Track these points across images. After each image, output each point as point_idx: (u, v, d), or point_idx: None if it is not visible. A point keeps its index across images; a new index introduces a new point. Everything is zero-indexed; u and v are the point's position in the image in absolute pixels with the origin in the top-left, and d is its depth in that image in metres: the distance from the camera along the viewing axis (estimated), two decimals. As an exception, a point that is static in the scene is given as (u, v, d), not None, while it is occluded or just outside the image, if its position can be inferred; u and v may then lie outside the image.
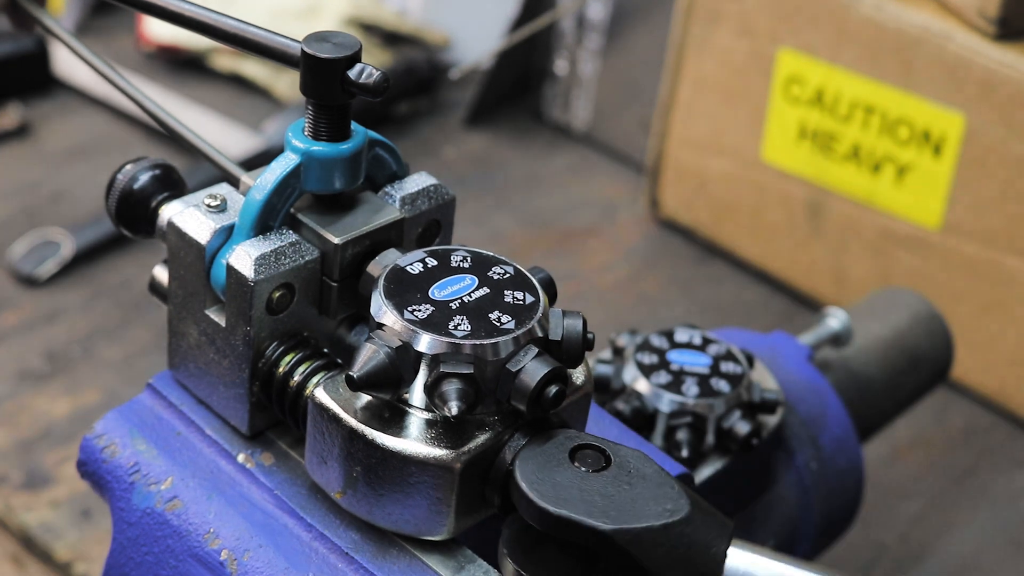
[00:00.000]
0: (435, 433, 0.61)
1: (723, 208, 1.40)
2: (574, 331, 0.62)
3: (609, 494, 0.59)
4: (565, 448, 0.61)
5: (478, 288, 0.63)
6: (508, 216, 1.47)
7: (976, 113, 1.19)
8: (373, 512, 0.62)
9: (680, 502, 0.59)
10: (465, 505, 0.62)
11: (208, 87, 1.60)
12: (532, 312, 0.62)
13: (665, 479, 0.61)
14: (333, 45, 0.63)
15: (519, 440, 0.61)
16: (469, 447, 0.60)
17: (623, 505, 0.59)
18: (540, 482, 0.59)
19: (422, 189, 0.69)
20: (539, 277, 0.65)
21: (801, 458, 0.89)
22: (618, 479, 0.60)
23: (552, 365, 0.60)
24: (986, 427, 1.26)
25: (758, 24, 1.30)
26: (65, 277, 1.31)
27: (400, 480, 0.60)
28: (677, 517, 0.59)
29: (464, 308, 0.61)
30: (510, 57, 1.55)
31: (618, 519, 0.58)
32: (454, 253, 0.64)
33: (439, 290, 0.62)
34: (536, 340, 0.61)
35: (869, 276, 1.30)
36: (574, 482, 0.60)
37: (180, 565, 0.66)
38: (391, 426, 0.61)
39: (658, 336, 0.87)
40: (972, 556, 1.14)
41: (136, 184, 0.68)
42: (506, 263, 0.65)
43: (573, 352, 0.62)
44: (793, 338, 0.95)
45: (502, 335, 0.60)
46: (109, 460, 0.69)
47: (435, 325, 0.60)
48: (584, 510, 0.58)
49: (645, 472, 0.61)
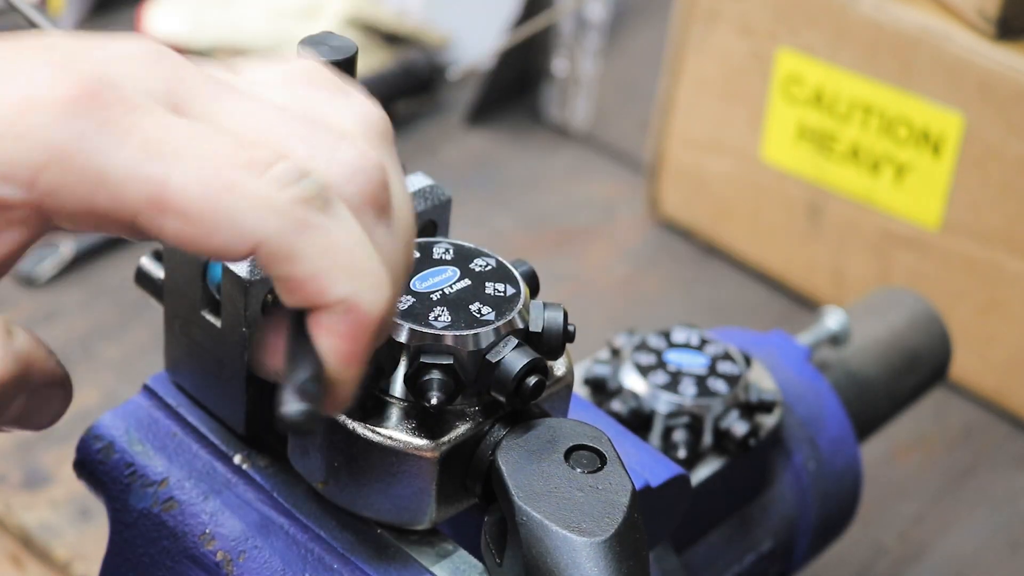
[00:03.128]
0: (415, 424, 0.61)
1: (722, 208, 1.40)
2: (554, 323, 0.62)
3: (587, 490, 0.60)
4: (554, 442, 0.61)
5: (459, 280, 0.63)
6: (507, 216, 1.47)
7: (975, 113, 1.19)
8: (355, 502, 0.63)
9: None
10: (446, 495, 0.62)
11: (208, 87, 1.60)
12: (512, 304, 0.62)
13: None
14: (329, 48, 0.63)
15: (499, 431, 0.62)
16: (449, 437, 0.61)
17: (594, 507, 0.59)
18: (521, 474, 0.59)
19: (418, 190, 0.69)
20: (521, 270, 0.65)
21: (799, 458, 0.89)
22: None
23: (532, 356, 0.60)
24: (985, 427, 1.26)
25: (757, 24, 1.30)
26: (65, 277, 1.31)
27: (381, 470, 0.61)
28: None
29: (445, 299, 0.62)
30: (510, 57, 1.55)
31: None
32: (436, 245, 0.65)
33: (420, 282, 0.63)
34: (516, 331, 0.62)
35: (868, 276, 1.30)
36: (557, 475, 0.60)
37: (176, 566, 0.66)
38: (372, 417, 0.61)
39: (656, 336, 0.87)
40: (971, 556, 1.14)
41: (133, 185, 0.68)
42: (488, 255, 0.65)
43: (553, 343, 0.62)
44: (791, 338, 0.96)
45: (482, 326, 0.61)
46: (105, 461, 0.69)
47: (415, 316, 0.61)
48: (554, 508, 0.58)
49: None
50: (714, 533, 0.86)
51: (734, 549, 0.86)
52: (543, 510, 0.58)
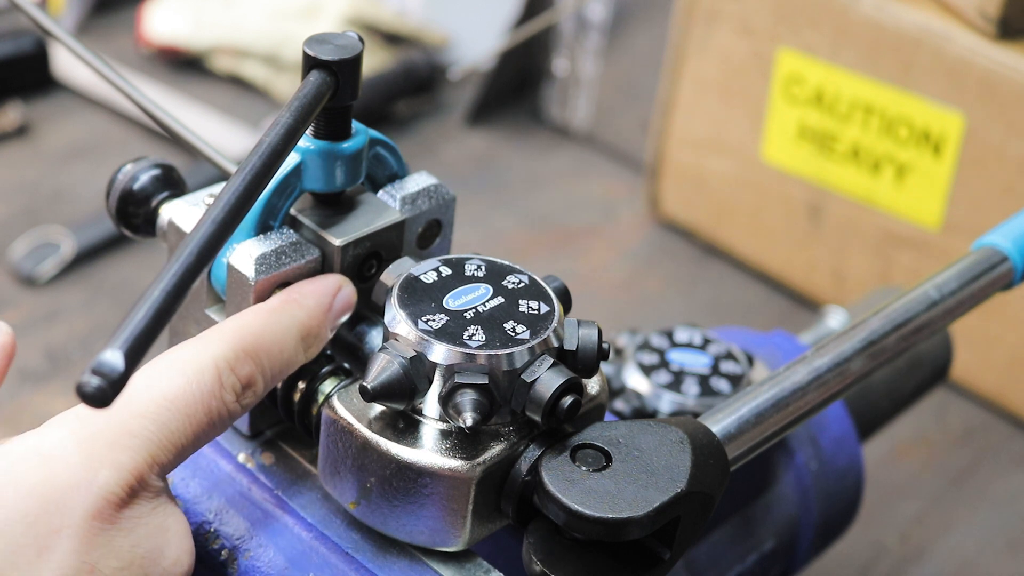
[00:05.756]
0: (450, 444, 0.60)
1: (723, 208, 1.40)
2: (589, 341, 0.62)
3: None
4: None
5: (493, 297, 0.63)
6: (508, 216, 1.47)
7: (976, 113, 1.19)
8: (387, 523, 0.62)
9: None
10: (480, 516, 0.61)
11: (207, 87, 1.60)
12: (547, 322, 0.62)
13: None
14: (335, 47, 0.63)
15: (534, 451, 0.61)
16: (484, 458, 0.60)
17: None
18: (571, 490, 0.59)
19: (422, 189, 0.69)
20: (554, 286, 0.64)
21: (801, 458, 0.89)
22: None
23: (567, 375, 0.60)
24: (986, 427, 1.26)
25: (758, 24, 1.30)
26: (65, 277, 1.31)
27: (414, 491, 0.60)
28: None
29: (479, 318, 0.61)
30: (510, 57, 1.55)
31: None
32: (468, 262, 0.64)
33: (453, 299, 0.62)
34: (551, 350, 0.61)
35: (868, 276, 1.30)
36: (601, 484, 0.60)
37: (180, 565, 0.66)
38: (405, 437, 0.60)
39: (658, 336, 0.87)
40: (971, 556, 1.14)
41: (136, 184, 0.68)
42: (521, 272, 0.64)
43: (588, 362, 0.62)
44: (793, 337, 0.95)
45: (517, 345, 0.60)
46: (109, 460, 0.69)
47: (449, 335, 0.60)
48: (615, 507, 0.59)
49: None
50: (717, 532, 0.85)
51: (737, 548, 0.86)
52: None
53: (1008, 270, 0.76)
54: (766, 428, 0.66)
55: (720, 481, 0.62)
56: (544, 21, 1.49)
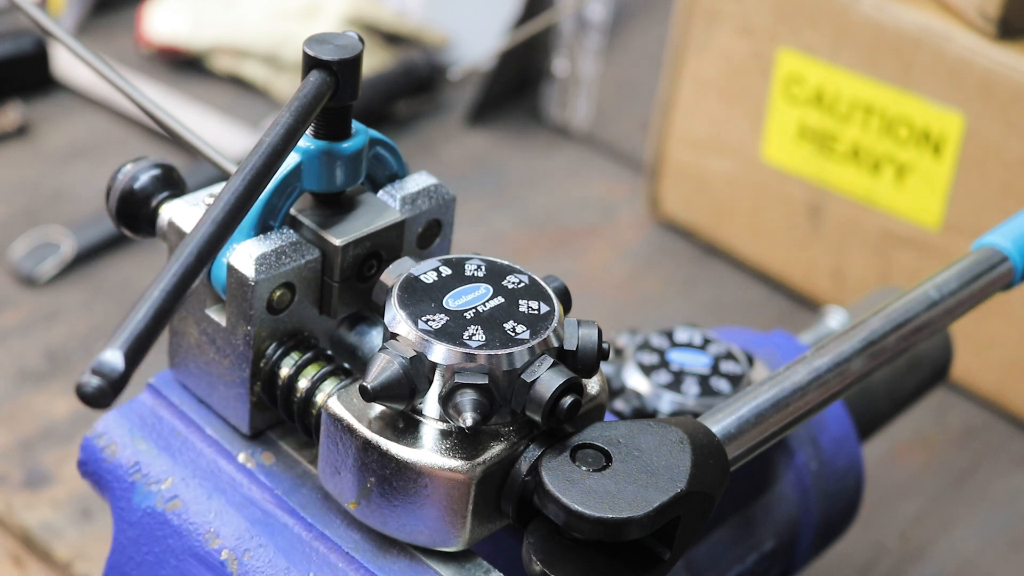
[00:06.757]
0: (450, 444, 0.60)
1: (723, 208, 1.40)
2: (589, 341, 0.62)
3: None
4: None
5: (493, 297, 0.63)
6: (508, 216, 1.47)
7: (976, 113, 1.19)
8: (387, 523, 0.62)
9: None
10: (480, 516, 0.61)
11: (207, 87, 1.60)
12: (547, 322, 0.62)
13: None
14: (335, 47, 0.63)
15: (534, 451, 0.61)
16: (484, 458, 0.60)
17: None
18: (573, 491, 0.59)
19: (422, 189, 0.69)
20: (554, 286, 0.64)
21: (801, 458, 0.89)
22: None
23: (567, 375, 0.60)
24: (985, 427, 1.26)
25: (758, 24, 1.30)
26: (65, 277, 1.31)
27: (414, 491, 0.60)
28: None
29: (479, 318, 0.61)
30: (510, 57, 1.55)
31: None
32: (468, 262, 0.64)
33: (453, 299, 0.62)
34: (551, 350, 0.61)
35: (868, 276, 1.30)
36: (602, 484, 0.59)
37: (180, 565, 0.66)
38: (405, 436, 0.60)
39: (658, 336, 0.87)
40: (972, 556, 1.14)
41: (136, 184, 0.68)
42: (521, 272, 0.64)
43: (588, 362, 0.62)
44: (793, 337, 0.96)
45: (517, 345, 0.60)
46: (110, 460, 0.69)
47: (449, 335, 0.60)
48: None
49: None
50: (717, 532, 0.86)
51: (737, 548, 0.86)
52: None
53: (1008, 270, 0.76)
54: (766, 428, 0.66)
55: (720, 481, 0.62)
56: (544, 21, 1.49)
